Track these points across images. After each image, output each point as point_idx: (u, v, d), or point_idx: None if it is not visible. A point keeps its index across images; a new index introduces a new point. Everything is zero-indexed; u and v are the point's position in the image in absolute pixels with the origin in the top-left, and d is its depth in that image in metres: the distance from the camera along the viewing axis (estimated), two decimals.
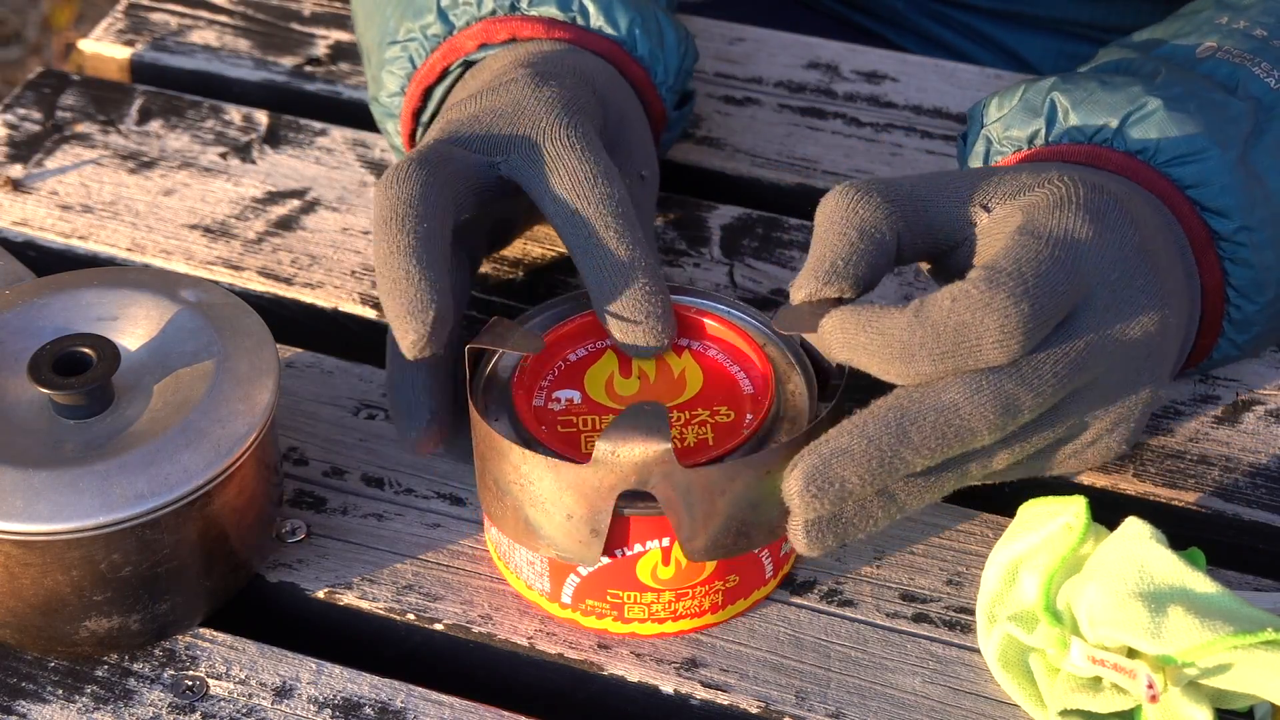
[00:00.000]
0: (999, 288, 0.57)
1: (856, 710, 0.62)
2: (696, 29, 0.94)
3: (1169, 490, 0.69)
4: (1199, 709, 0.57)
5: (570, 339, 0.66)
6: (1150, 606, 0.57)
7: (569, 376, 0.65)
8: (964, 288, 0.57)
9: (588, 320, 0.66)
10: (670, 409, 0.63)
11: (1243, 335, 0.68)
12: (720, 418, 0.63)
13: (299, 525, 0.68)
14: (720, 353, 0.65)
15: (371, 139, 0.87)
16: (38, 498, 0.59)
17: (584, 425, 0.62)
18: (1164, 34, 0.72)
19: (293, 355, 0.75)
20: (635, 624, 0.63)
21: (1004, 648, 0.61)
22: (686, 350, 0.66)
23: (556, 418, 0.63)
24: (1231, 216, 0.66)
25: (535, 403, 0.63)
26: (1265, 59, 0.69)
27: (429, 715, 0.62)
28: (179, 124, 0.87)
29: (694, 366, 0.65)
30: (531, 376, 0.64)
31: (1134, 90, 0.67)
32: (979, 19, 1.00)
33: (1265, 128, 0.67)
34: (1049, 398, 0.58)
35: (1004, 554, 0.62)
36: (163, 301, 0.66)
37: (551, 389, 0.64)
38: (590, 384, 0.64)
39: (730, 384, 0.64)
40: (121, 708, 0.62)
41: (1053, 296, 0.58)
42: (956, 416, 0.57)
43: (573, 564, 0.61)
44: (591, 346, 0.66)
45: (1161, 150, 0.66)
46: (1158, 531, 0.59)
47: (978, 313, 0.57)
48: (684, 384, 0.64)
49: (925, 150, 0.86)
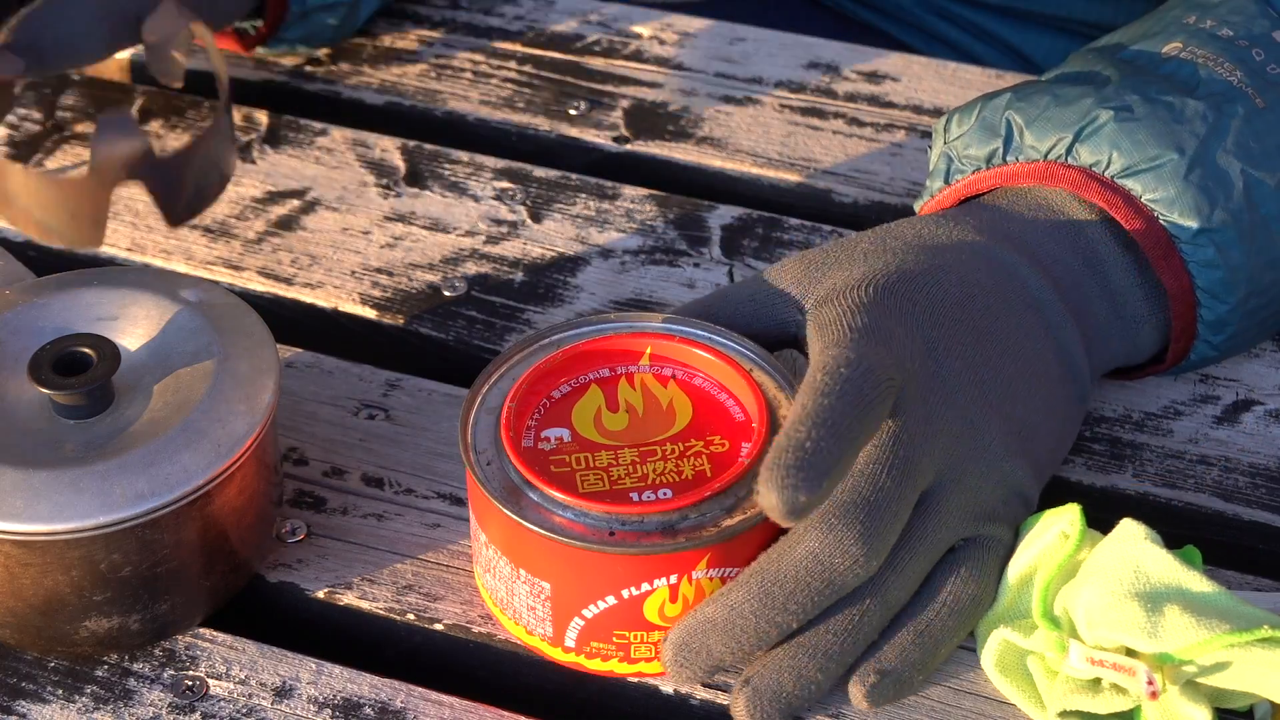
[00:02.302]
0: (841, 526, 0.58)
1: (857, 710, 0.62)
2: (696, 29, 0.94)
3: (1168, 490, 0.69)
4: (1198, 708, 0.57)
5: (552, 375, 0.64)
6: (1146, 606, 0.57)
7: (555, 415, 0.64)
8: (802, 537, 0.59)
9: (569, 355, 0.65)
10: (664, 441, 0.62)
11: (1219, 335, 0.68)
12: (715, 448, 0.62)
13: (299, 525, 0.68)
14: (706, 381, 0.65)
15: (372, 139, 0.87)
16: (38, 498, 0.59)
17: (577, 464, 0.61)
18: (1131, 35, 0.73)
19: (293, 355, 0.75)
20: (642, 664, 0.62)
21: (1001, 653, 0.61)
22: (672, 380, 0.65)
23: (549, 459, 0.62)
24: (1190, 219, 0.66)
25: (525, 444, 0.62)
26: (1229, 58, 0.69)
27: (429, 715, 0.62)
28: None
29: (682, 396, 0.64)
30: (518, 417, 0.63)
31: (1085, 104, 0.68)
32: (985, 16, 1.00)
33: (1225, 126, 0.67)
34: (902, 513, 0.59)
35: (1008, 571, 0.62)
36: (163, 301, 0.66)
37: (539, 429, 0.63)
38: (578, 420, 0.63)
39: (721, 413, 0.63)
40: (121, 708, 0.62)
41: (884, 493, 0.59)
42: (818, 564, 0.58)
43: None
44: (574, 382, 0.65)
45: (1113, 163, 0.67)
46: (1152, 532, 0.59)
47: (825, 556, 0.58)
48: (674, 415, 0.63)
49: (925, 150, 0.86)
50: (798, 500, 0.55)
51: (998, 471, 0.62)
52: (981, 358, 0.63)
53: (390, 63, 0.92)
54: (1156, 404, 0.73)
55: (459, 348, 0.76)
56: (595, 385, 0.65)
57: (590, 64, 0.92)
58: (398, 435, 0.71)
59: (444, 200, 0.83)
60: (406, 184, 0.84)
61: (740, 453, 0.62)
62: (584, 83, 0.91)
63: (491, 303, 0.78)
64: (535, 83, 0.91)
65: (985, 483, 0.62)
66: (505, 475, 0.61)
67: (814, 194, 0.84)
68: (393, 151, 0.86)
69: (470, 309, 0.77)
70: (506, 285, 0.79)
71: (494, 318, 0.77)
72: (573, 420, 0.63)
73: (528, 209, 0.83)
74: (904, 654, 0.60)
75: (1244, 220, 0.67)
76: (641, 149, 0.87)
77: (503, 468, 0.61)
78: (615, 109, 0.89)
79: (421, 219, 0.82)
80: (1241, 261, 0.67)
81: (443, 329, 0.77)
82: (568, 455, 0.62)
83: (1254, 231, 0.67)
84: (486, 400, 0.64)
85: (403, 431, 0.72)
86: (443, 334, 0.77)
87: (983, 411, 0.62)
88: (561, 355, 0.65)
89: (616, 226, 0.82)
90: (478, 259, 0.80)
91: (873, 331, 0.61)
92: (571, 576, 0.60)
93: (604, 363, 0.65)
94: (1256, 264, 0.67)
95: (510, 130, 0.88)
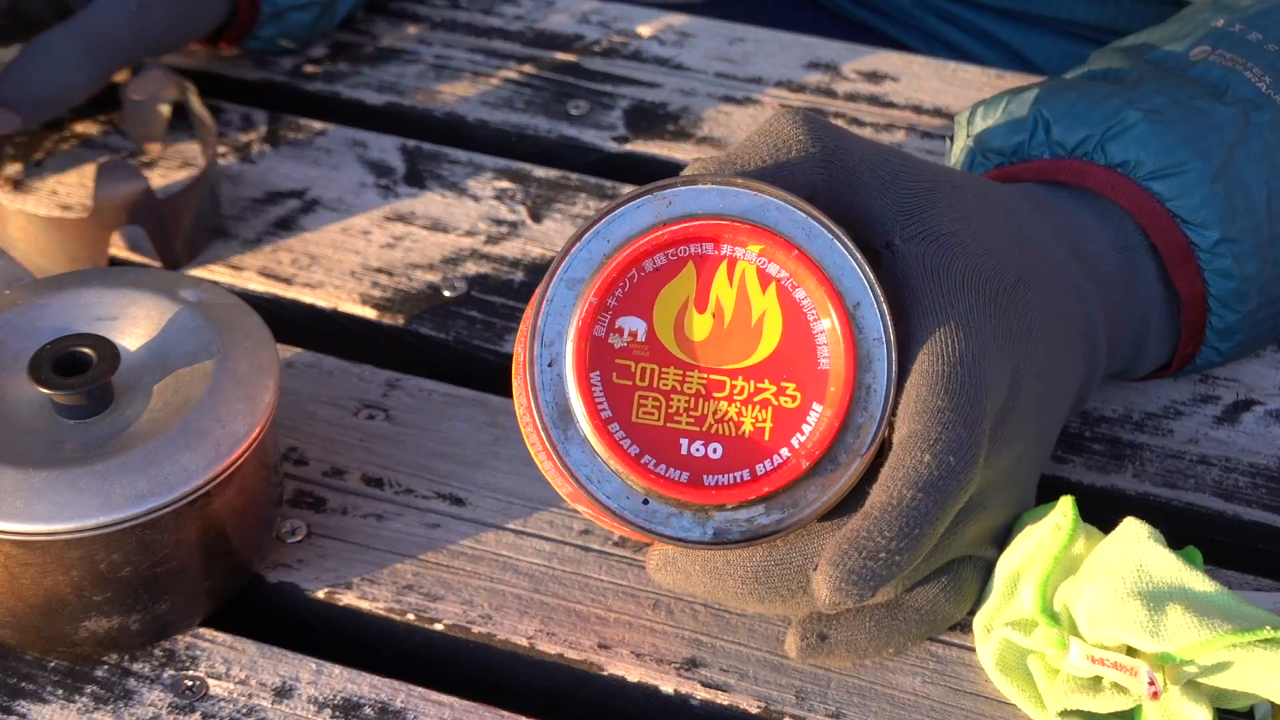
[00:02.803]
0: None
1: (856, 710, 0.62)
2: (696, 29, 0.94)
3: (1169, 490, 0.69)
4: (1199, 708, 0.57)
5: (648, 250, 0.58)
6: (1149, 605, 0.57)
7: (640, 296, 0.58)
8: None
9: (673, 231, 0.58)
10: (737, 373, 0.58)
11: (1226, 343, 0.68)
12: (785, 400, 0.57)
13: (299, 525, 0.68)
14: (808, 298, 0.58)
15: (371, 139, 0.87)
16: (38, 498, 0.59)
17: (640, 379, 0.57)
18: (1159, 37, 0.72)
19: (293, 355, 0.75)
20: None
21: (1001, 652, 0.61)
22: (773, 286, 0.58)
23: (614, 358, 0.57)
24: (1211, 228, 0.66)
25: (597, 331, 0.58)
26: (1257, 63, 0.69)
27: (429, 715, 0.62)
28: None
29: (775, 312, 0.58)
30: (604, 287, 0.57)
31: (1115, 103, 0.67)
32: (985, 17, 1.00)
33: (1251, 135, 0.67)
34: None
35: (1002, 567, 0.62)
36: (163, 301, 0.66)
37: (618, 312, 0.58)
38: (660, 314, 0.58)
39: (808, 349, 0.58)
40: (121, 708, 0.62)
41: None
42: None
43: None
44: (672, 255, 0.58)
45: (1142, 164, 0.66)
46: (1155, 531, 0.59)
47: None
48: (759, 336, 0.58)
49: (926, 150, 0.86)
50: (847, 603, 0.55)
51: (1019, 502, 0.62)
52: (1043, 396, 0.62)
53: (390, 63, 0.92)
54: (1156, 404, 0.73)
55: (459, 348, 0.76)
56: (692, 263, 0.58)
57: (590, 64, 0.92)
58: (398, 435, 0.72)
59: (444, 200, 0.83)
60: (406, 184, 0.84)
61: (804, 421, 0.57)
62: (584, 83, 0.91)
63: (491, 303, 0.78)
64: (535, 83, 0.91)
65: (1005, 511, 0.61)
66: (562, 388, 0.57)
67: None
68: (392, 151, 0.86)
69: (470, 309, 0.77)
70: (506, 285, 0.79)
71: (494, 318, 0.77)
72: (654, 312, 0.58)
73: (528, 209, 0.83)
74: (858, 631, 0.60)
75: (1263, 232, 0.66)
76: (641, 149, 0.87)
77: (561, 375, 0.57)
78: (615, 109, 0.89)
79: (421, 219, 0.82)
80: (1256, 273, 0.67)
81: (443, 329, 0.77)
82: (634, 363, 0.57)
83: (1272, 244, 0.67)
84: (571, 267, 0.58)
85: (403, 431, 0.72)
86: (443, 334, 0.77)
87: (1027, 450, 0.61)
88: (667, 233, 0.57)
89: None
90: (478, 259, 0.80)
91: (974, 404, 0.57)
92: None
93: (711, 235, 0.58)
94: (1270, 275, 0.67)
95: (510, 130, 0.88)
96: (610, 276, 0.57)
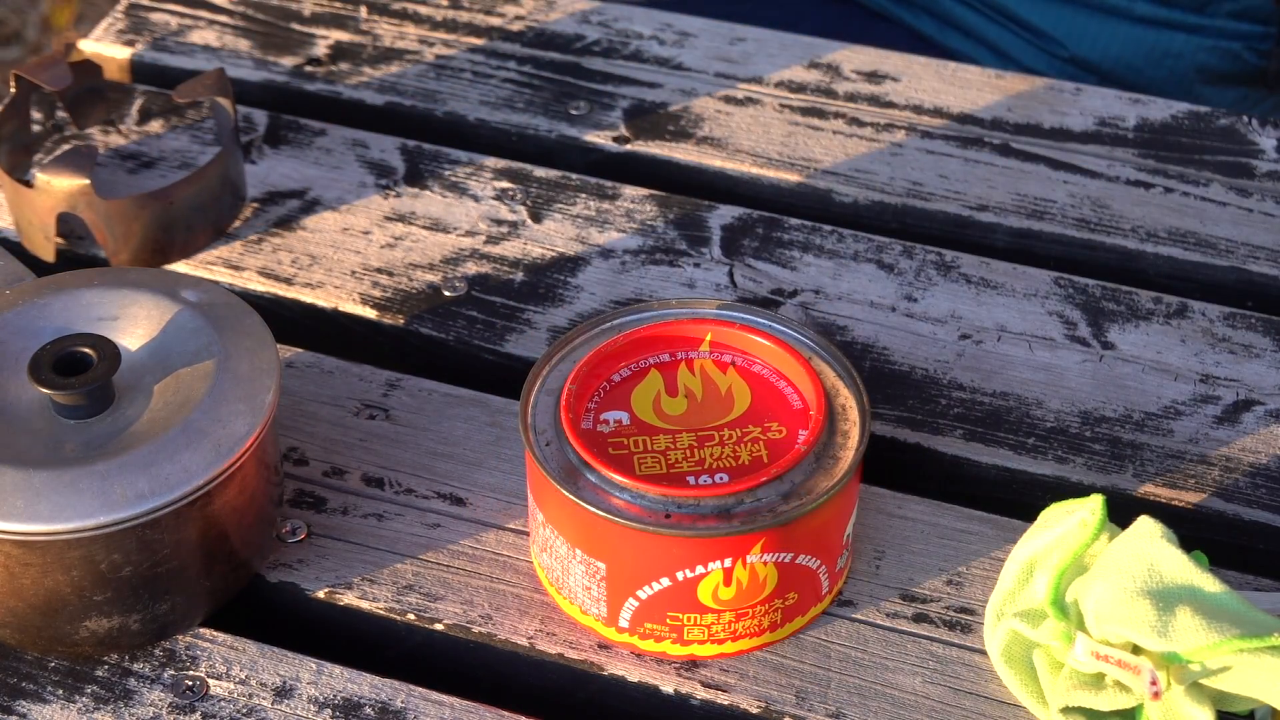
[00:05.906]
0: None
1: (856, 710, 0.62)
2: (696, 29, 0.94)
3: (1169, 490, 0.69)
4: (1201, 709, 0.57)
5: (613, 359, 0.65)
6: (1158, 605, 0.57)
7: (615, 398, 0.64)
8: None
9: (630, 339, 0.65)
10: (722, 427, 0.63)
11: None
12: (773, 434, 0.63)
13: (299, 525, 0.68)
14: (765, 368, 0.65)
15: (371, 139, 0.87)
16: (38, 498, 0.59)
17: (635, 447, 0.62)
18: None
19: (293, 355, 0.75)
20: (694, 645, 0.63)
21: (1008, 643, 0.61)
22: (731, 367, 0.65)
23: (607, 441, 0.62)
24: None
25: (584, 425, 0.63)
26: None
27: (429, 715, 0.62)
28: (179, 124, 0.87)
29: (741, 383, 0.65)
30: (578, 399, 0.63)
31: None
32: None
33: None
34: None
35: (1021, 552, 0.62)
36: (163, 301, 0.66)
37: (599, 411, 0.64)
38: (638, 404, 0.64)
39: (779, 400, 0.64)
40: (121, 708, 0.62)
41: None
42: None
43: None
44: (635, 366, 0.65)
45: None
46: (1169, 531, 0.59)
47: None
48: (732, 401, 0.64)
49: (925, 150, 0.86)
50: None
51: None
52: None
53: (390, 63, 0.92)
54: (1157, 404, 0.73)
55: (459, 348, 0.76)
56: (655, 370, 0.65)
57: (590, 64, 0.92)
58: (398, 435, 0.72)
59: (444, 200, 0.83)
60: (406, 184, 0.84)
61: (797, 439, 0.62)
62: (584, 83, 0.91)
63: (491, 303, 0.78)
64: (535, 83, 0.91)
65: None
66: (564, 456, 0.62)
67: (814, 194, 0.84)
68: (393, 151, 0.86)
69: (470, 309, 0.77)
70: (506, 285, 0.79)
71: (494, 318, 0.77)
72: (632, 404, 0.64)
73: (528, 209, 0.83)
74: None
75: None
76: (641, 149, 0.87)
77: (561, 449, 0.62)
78: (615, 109, 0.89)
79: (421, 219, 0.82)
80: None
81: (443, 329, 0.77)
82: (626, 438, 0.63)
83: None
84: (547, 382, 0.65)
85: (403, 431, 0.72)
86: (443, 334, 0.77)
87: None
88: (623, 340, 0.65)
89: (617, 226, 0.82)
90: (478, 259, 0.80)
91: None
92: (627, 557, 0.60)
93: (665, 348, 0.66)
94: None
95: (510, 130, 0.88)
96: (585, 380, 0.64)
